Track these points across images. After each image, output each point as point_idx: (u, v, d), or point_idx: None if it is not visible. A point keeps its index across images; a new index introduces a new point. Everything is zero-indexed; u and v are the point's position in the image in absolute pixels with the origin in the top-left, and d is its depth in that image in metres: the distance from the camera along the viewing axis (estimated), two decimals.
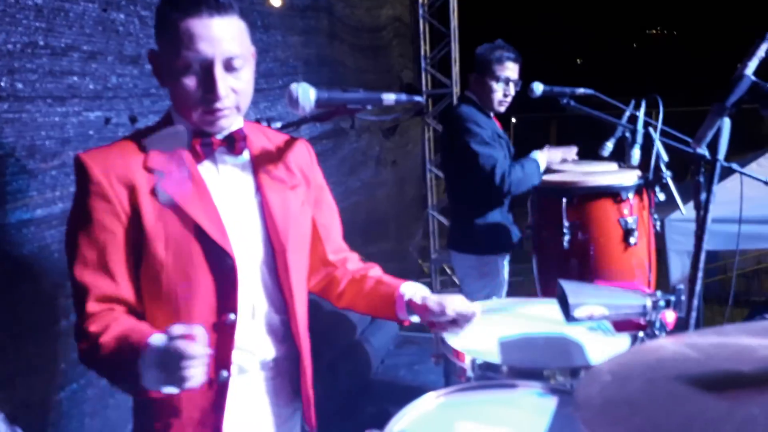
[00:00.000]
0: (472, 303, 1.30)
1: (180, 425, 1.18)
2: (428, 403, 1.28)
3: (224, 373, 1.18)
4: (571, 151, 2.60)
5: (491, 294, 2.59)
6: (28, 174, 1.54)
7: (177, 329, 0.98)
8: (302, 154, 1.36)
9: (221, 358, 1.18)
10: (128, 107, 1.83)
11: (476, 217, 2.61)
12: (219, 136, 1.20)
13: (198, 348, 0.95)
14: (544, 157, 2.52)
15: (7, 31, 1.47)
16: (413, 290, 1.35)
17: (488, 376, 1.40)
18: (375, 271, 1.44)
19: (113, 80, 1.78)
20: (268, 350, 1.28)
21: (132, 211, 1.13)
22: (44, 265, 1.56)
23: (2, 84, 1.47)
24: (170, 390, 1.00)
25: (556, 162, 2.55)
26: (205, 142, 1.18)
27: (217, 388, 1.18)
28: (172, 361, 0.95)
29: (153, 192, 1.13)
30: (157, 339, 1.03)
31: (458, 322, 1.29)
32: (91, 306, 1.12)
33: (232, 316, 1.17)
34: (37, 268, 1.54)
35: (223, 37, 1.11)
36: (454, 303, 1.28)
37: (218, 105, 1.13)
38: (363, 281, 1.40)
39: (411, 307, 1.33)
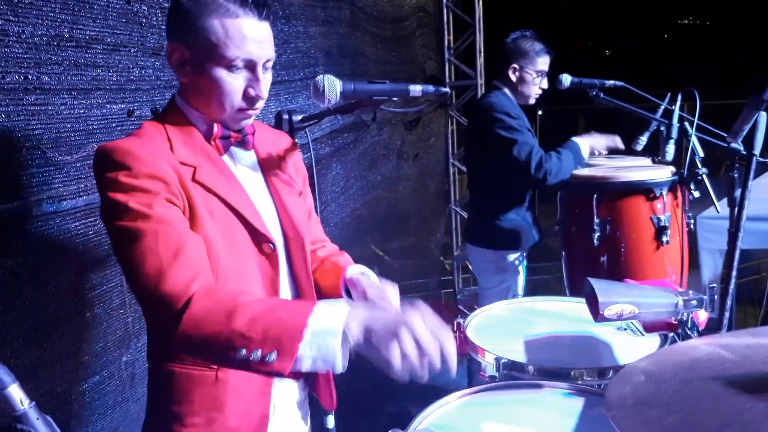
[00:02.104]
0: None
1: (223, 419, 1.16)
2: (452, 402, 1.25)
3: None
4: (615, 140, 2.50)
5: (508, 290, 2.55)
6: (54, 166, 1.55)
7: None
8: (291, 148, 1.37)
9: None
10: (150, 99, 1.83)
11: (495, 212, 2.57)
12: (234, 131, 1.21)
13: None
14: (586, 142, 2.42)
15: (34, 24, 1.47)
16: (358, 270, 1.33)
17: (513, 375, 1.37)
18: (342, 258, 1.42)
19: (136, 72, 1.78)
20: None
21: (186, 193, 1.10)
22: (69, 257, 1.56)
23: (29, 76, 1.48)
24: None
25: (600, 148, 2.46)
26: (224, 135, 1.19)
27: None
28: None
29: (194, 180, 1.13)
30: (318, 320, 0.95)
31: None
32: (195, 286, 1.02)
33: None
34: (62, 261, 1.55)
35: (267, 40, 1.14)
36: (381, 291, 1.23)
37: (257, 105, 1.16)
38: (323, 263, 1.41)
39: (346, 283, 1.32)
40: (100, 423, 1.67)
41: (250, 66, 1.13)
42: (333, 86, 1.16)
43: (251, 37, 1.11)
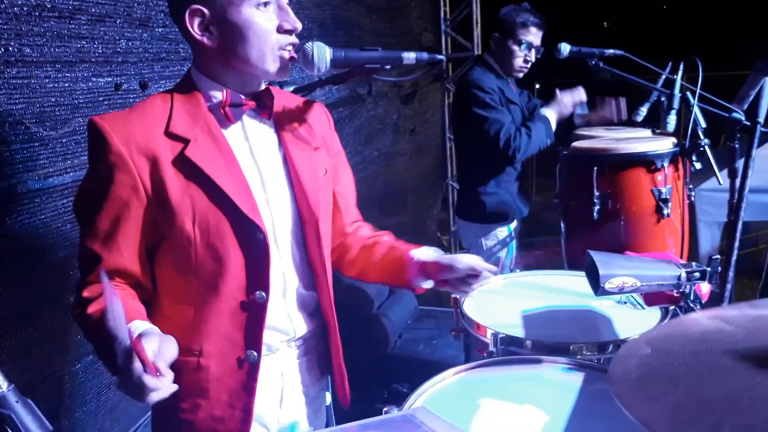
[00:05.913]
0: (485, 263, 1.26)
1: (208, 406, 1.14)
2: (449, 379, 1.23)
3: (254, 354, 1.14)
4: (579, 93, 2.58)
5: (498, 262, 2.54)
6: (39, 142, 1.51)
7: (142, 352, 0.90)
8: (321, 119, 1.30)
9: (251, 338, 1.14)
10: (138, 72, 1.78)
11: (480, 186, 2.59)
12: (246, 98, 1.13)
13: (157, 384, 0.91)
14: (554, 113, 2.50)
15: None
16: (425, 252, 1.30)
17: (511, 351, 1.35)
18: (387, 238, 1.38)
19: (122, 44, 1.72)
20: (298, 328, 1.23)
21: (153, 185, 1.06)
22: (57, 235, 1.53)
23: (10, 48, 1.42)
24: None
25: (567, 106, 2.53)
26: (234, 103, 1.11)
27: (247, 369, 1.14)
28: (130, 380, 0.91)
29: (177, 161, 1.06)
30: (137, 326, 0.99)
31: (469, 279, 1.24)
32: (94, 276, 1.09)
33: (263, 294, 1.12)
34: (50, 239, 1.52)
35: None
36: (466, 258, 1.24)
37: (294, 39, 1.12)
38: (374, 247, 1.35)
39: (423, 268, 1.27)
40: (95, 402, 1.66)
41: (278, 1, 1.10)
42: (323, 53, 1.10)
43: None
